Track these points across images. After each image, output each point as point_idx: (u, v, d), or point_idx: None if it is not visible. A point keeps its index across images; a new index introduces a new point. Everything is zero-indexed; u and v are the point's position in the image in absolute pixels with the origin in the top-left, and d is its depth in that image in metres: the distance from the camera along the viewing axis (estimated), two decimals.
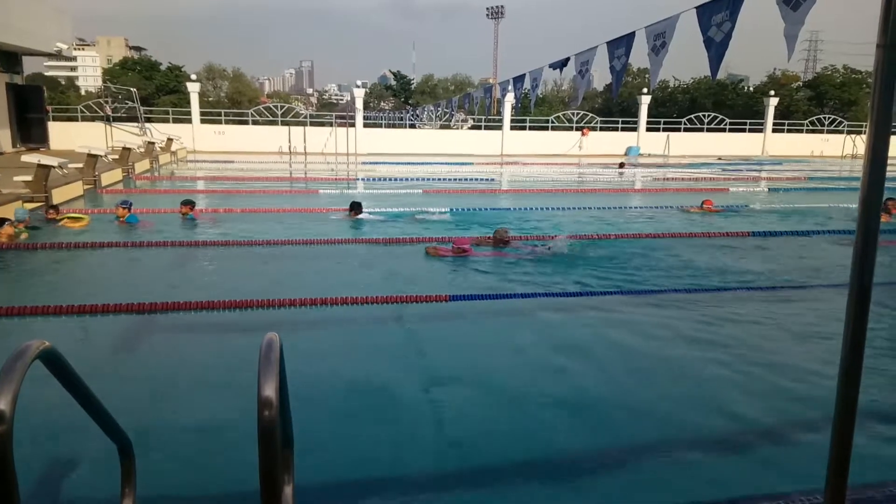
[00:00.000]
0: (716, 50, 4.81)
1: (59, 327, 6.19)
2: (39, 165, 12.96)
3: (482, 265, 8.84)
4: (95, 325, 6.34)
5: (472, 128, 38.24)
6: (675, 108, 51.25)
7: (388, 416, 4.41)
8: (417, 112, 42.38)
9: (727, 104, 49.93)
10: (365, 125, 33.70)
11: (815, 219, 13.35)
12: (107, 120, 28.49)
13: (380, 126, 37.23)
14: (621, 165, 26.88)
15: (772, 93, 38.94)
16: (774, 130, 37.77)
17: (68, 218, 11.14)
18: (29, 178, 12.97)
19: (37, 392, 2.24)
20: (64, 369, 2.05)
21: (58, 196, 13.46)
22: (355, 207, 12.43)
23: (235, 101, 55.93)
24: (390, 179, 20.76)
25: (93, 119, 30.59)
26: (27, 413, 1.82)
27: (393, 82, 68.75)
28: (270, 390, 1.85)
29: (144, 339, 6.10)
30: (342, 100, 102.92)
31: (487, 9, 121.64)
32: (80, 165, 16.04)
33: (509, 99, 32.60)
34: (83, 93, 70.64)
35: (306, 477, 3.04)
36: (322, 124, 34.82)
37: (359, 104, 33.34)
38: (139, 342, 6.03)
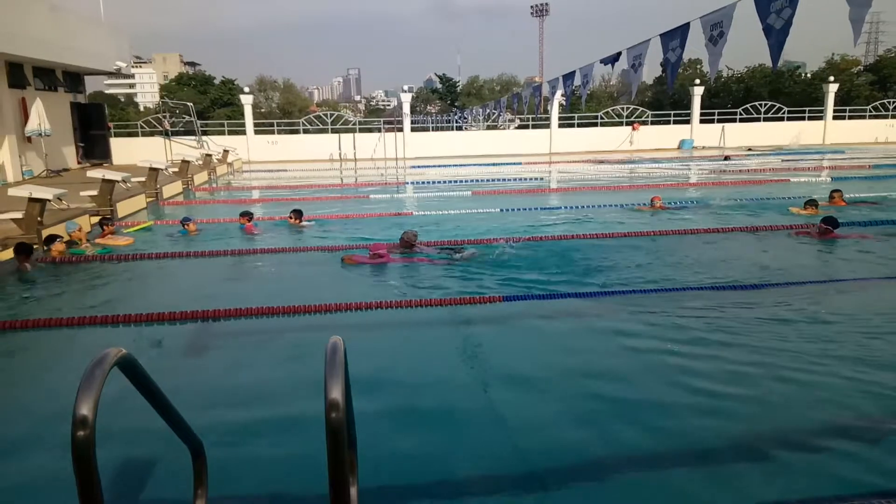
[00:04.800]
0: (776, 37, 4.64)
1: (126, 335, 6.44)
2: (104, 180, 13.49)
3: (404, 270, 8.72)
4: (163, 333, 6.56)
5: (519, 127, 38.04)
6: (730, 99, 49.91)
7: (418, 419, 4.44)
8: (465, 114, 42.42)
9: (784, 92, 48.32)
10: (412, 129, 33.90)
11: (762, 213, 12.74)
12: (165, 134, 29.46)
13: (427, 130, 37.40)
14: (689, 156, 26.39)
15: (831, 79, 37.44)
16: (835, 117, 36.33)
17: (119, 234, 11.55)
18: (94, 192, 13.52)
19: (112, 397, 2.33)
20: (140, 375, 2.14)
21: (122, 209, 13.99)
22: (298, 215, 12.34)
23: (286, 112, 57.16)
24: (439, 182, 20.85)
25: (152, 134, 31.66)
26: (103, 417, 1.90)
27: (439, 85, 69.14)
28: (337, 393, 1.88)
29: (210, 345, 6.30)
30: (389, 105, 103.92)
31: (532, 7, 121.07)
32: (143, 179, 16.63)
33: (557, 96, 32.33)
34: (142, 109, 73.31)
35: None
36: (370, 130, 35.23)
37: (406, 109, 33.58)
38: (205, 348, 6.23)
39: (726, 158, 26.42)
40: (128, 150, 27.97)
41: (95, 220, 12.43)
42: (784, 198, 13.78)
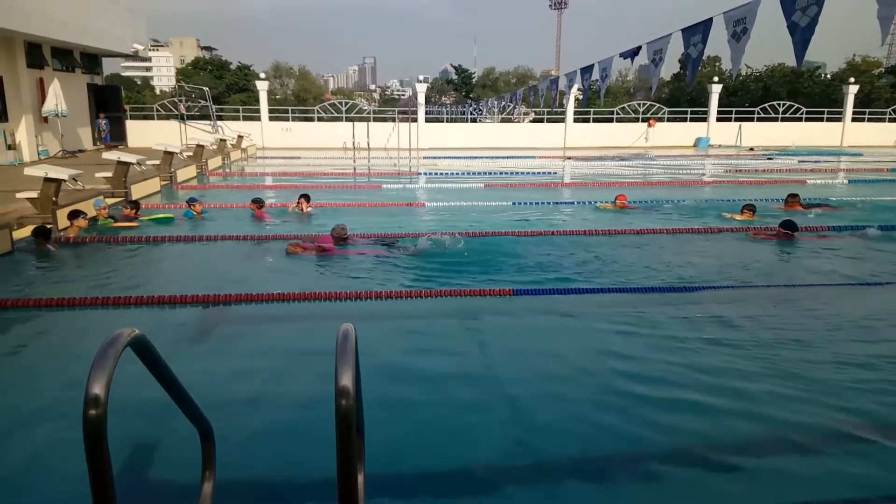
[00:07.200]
0: (801, 35, 4.57)
1: (136, 317, 6.48)
2: (119, 162, 13.56)
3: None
4: (173, 316, 6.59)
5: (534, 121, 37.83)
6: (748, 97, 49.39)
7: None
8: (479, 106, 42.22)
9: (803, 92, 47.79)
10: (427, 120, 33.82)
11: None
12: (181, 118, 29.56)
13: (441, 120, 37.28)
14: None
15: (851, 80, 36.99)
16: (854, 119, 35.90)
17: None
18: (109, 174, 13.60)
19: (124, 378, 2.34)
20: (152, 357, 2.14)
21: (136, 192, 14.05)
22: (307, 199, 12.36)
23: (301, 99, 57.05)
24: (452, 174, 20.81)
25: (167, 118, 31.75)
26: (115, 397, 1.90)
27: (454, 76, 68.70)
28: (347, 380, 1.87)
29: (220, 330, 6.33)
30: (404, 95, 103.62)
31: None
32: (157, 162, 16.70)
33: (573, 90, 32.07)
34: (158, 92, 73.48)
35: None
36: (385, 120, 35.13)
37: (421, 99, 33.47)
38: (215, 332, 6.26)
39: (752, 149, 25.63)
40: (143, 133, 28.10)
41: (111, 201, 12.50)
42: (775, 199, 13.55)
